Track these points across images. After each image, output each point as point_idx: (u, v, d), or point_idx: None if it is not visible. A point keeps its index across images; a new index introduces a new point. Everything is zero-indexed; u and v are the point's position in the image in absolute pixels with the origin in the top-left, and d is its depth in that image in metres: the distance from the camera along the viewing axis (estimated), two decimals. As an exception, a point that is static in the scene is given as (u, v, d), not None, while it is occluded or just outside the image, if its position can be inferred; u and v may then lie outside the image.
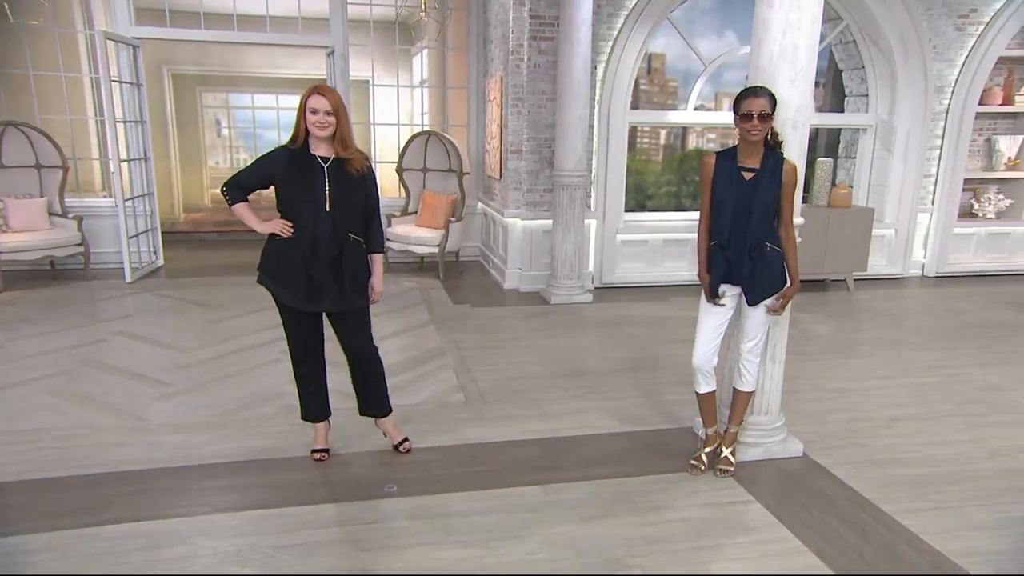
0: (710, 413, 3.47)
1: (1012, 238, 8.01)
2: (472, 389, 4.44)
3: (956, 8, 7.33)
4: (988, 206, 8.04)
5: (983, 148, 8.02)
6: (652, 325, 5.88)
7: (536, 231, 6.91)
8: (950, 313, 6.39)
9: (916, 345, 5.43)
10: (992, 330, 5.85)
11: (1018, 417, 4.12)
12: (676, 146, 8.57)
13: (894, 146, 7.58)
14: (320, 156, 3.14)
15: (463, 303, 6.49)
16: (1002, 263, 8.02)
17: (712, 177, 3.25)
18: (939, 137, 7.62)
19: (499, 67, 7.18)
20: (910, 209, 7.63)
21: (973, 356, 5.18)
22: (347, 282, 3.21)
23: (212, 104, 13.53)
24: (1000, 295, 7.06)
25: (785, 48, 3.28)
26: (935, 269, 7.85)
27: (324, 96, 3.06)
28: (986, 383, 4.65)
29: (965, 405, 4.28)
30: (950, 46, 7.41)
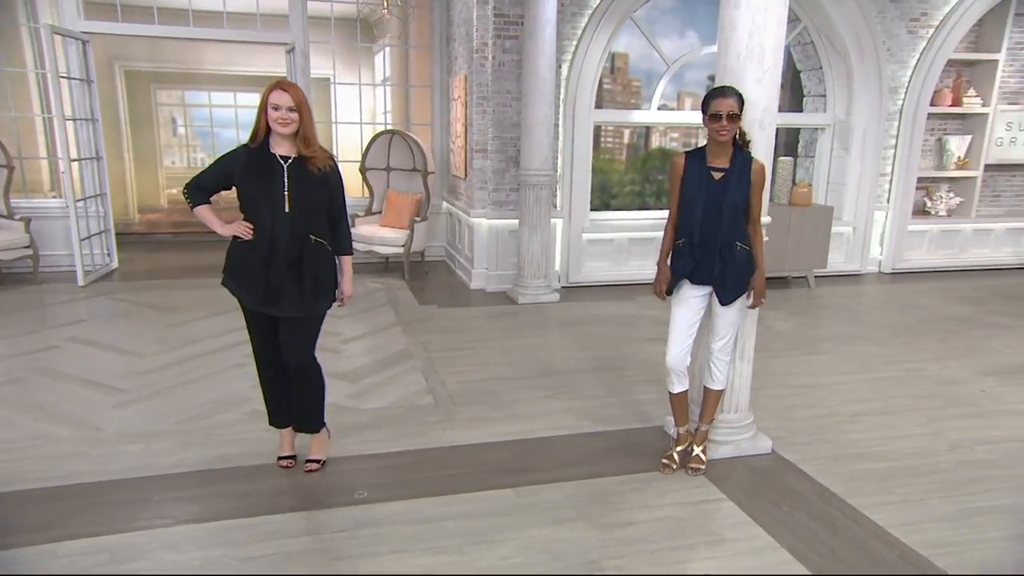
0: (682, 412, 3.48)
1: (962, 235, 8.25)
2: (441, 391, 4.39)
3: (908, 11, 7.52)
4: (940, 204, 8.27)
5: (935, 148, 8.24)
6: (619, 324, 5.90)
7: (502, 231, 6.88)
8: (907, 309, 6.55)
9: (876, 341, 5.55)
10: (947, 325, 6.01)
11: (974, 410, 4.23)
12: (640, 145, 8.63)
13: (851, 145, 7.75)
14: (280, 155, 3.04)
15: (429, 304, 6.42)
16: (953, 259, 8.26)
17: (681, 177, 3.26)
18: (894, 137, 7.81)
19: (463, 66, 7.13)
20: (867, 207, 7.81)
21: (930, 351, 5.31)
22: (308, 286, 3.10)
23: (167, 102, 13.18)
24: (953, 290, 7.27)
25: (752, 48, 3.30)
26: (891, 265, 8.04)
27: (287, 92, 2.97)
28: (943, 377, 4.77)
29: (924, 399, 4.38)
30: (903, 48, 7.59)
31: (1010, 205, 8.67)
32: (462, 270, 7.44)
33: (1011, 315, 6.33)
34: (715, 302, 3.33)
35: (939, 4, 7.56)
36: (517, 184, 6.71)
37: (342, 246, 3.25)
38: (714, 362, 3.41)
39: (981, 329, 5.89)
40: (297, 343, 3.21)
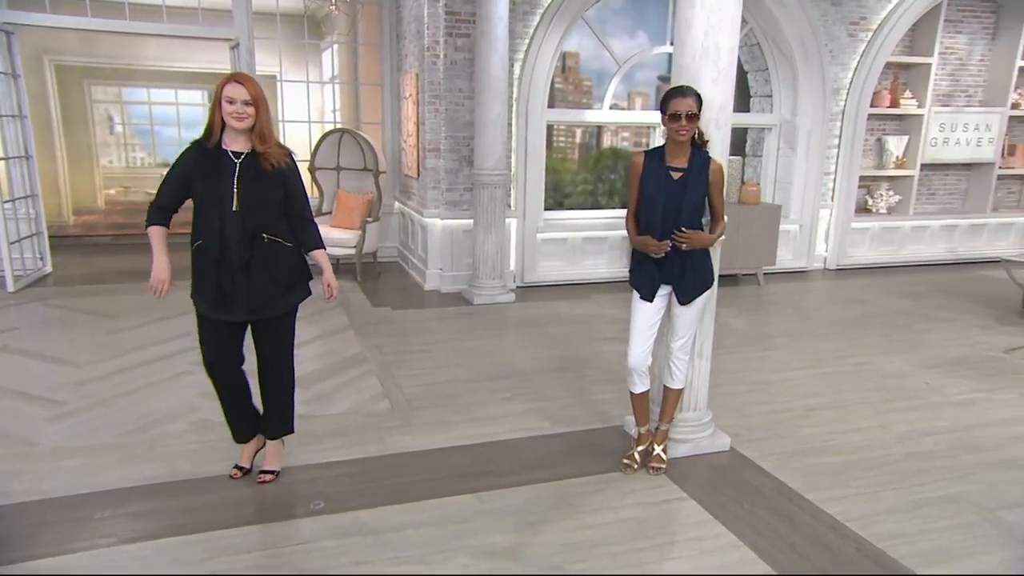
0: (643, 412, 3.48)
1: (901, 232, 8.53)
2: (398, 396, 4.30)
3: (848, 15, 7.73)
4: (880, 202, 8.54)
5: (875, 147, 8.51)
6: (576, 323, 5.89)
7: (456, 231, 6.81)
8: (852, 304, 6.73)
9: (824, 336, 5.68)
10: (890, 319, 6.20)
11: (919, 402, 4.36)
12: (592, 145, 8.65)
13: (797, 145, 7.93)
14: (234, 151, 2.91)
15: (383, 306, 6.31)
16: (893, 255, 8.53)
17: (640, 176, 3.25)
18: (837, 137, 8.02)
19: (414, 64, 7.03)
20: (813, 205, 8.00)
21: (875, 345, 5.46)
22: (261, 287, 2.97)
23: (103, 99, 12.63)
24: (894, 286, 7.50)
25: (707, 48, 3.32)
26: (836, 262, 8.27)
27: (242, 85, 2.84)
28: (889, 370, 4.91)
29: (872, 392, 4.50)
30: (844, 50, 7.80)
31: (944, 203, 9.01)
32: (416, 271, 7.34)
33: (948, 309, 6.56)
34: (674, 302, 3.33)
35: (876, 8, 7.79)
36: (471, 184, 6.64)
37: (311, 242, 3.13)
38: (673, 361, 3.42)
39: (922, 323, 6.09)
40: (276, 348, 3.13)
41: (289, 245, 3.05)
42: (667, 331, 3.43)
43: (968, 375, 4.82)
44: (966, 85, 8.66)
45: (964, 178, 8.98)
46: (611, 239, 7.35)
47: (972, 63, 8.61)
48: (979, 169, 8.83)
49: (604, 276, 7.35)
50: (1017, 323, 6.11)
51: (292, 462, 3.43)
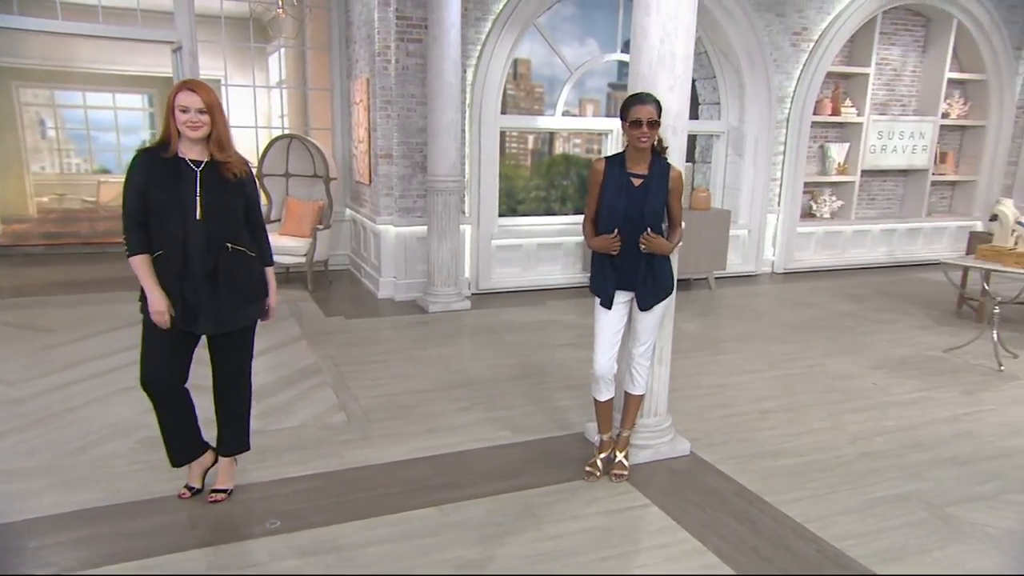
0: (607, 419, 3.47)
1: (844, 236, 8.80)
2: (354, 408, 4.20)
3: (791, 25, 7.95)
4: (824, 207, 8.79)
5: (818, 154, 8.76)
6: (532, 330, 5.88)
7: (410, 238, 6.73)
8: (800, 307, 6.90)
9: (775, 339, 5.79)
10: (836, 321, 6.37)
11: (868, 403, 4.47)
12: (544, 151, 8.68)
13: (744, 152, 8.10)
14: (191, 160, 2.81)
15: (336, 315, 6.18)
16: (837, 259, 8.79)
17: (601, 183, 3.25)
18: (782, 144, 8.22)
19: (365, 69, 6.93)
20: (760, 210, 8.18)
21: (824, 347, 5.60)
22: (227, 298, 2.87)
23: (33, 102, 12.09)
24: (839, 288, 7.73)
25: (663, 55, 3.34)
26: (783, 266, 8.47)
27: (195, 92, 2.73)
28: (838, 372, 5.03)
29: (824, 394, 4.60)
30: (788, 60, 8.02)
31: (883, 208, 9.34)
32: (368, 279, 7.22)
33: (889, 311, 6.78)
34: (636, 308, 3.34)
35: (817, 20, 8.04)
36: (424, 190, 6.57)
37: (266, 257, 3.05)
38: (635, 368, 3.42)
39: (866, 325, 6.27)
40: (236, 362, 3.03)
41: (253, 255, 2.97)
42: (628, 337, 3.43)
43: (912, 375, 4.97)
44: (901, 95, 9.01)
45: (901, 184, 9.32)
46: (566, 245, 7.37)
47: (906, 74, 8.96)
48: (914, 175, 9.19)
49: (559, 282, 7.36)
50: (954, 323, 6.35)
51: (245, 479, 3.30)
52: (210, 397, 3.14)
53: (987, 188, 9.35)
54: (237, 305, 2.92)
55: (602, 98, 8.31)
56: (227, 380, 3.09)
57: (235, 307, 2.91)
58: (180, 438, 3.08)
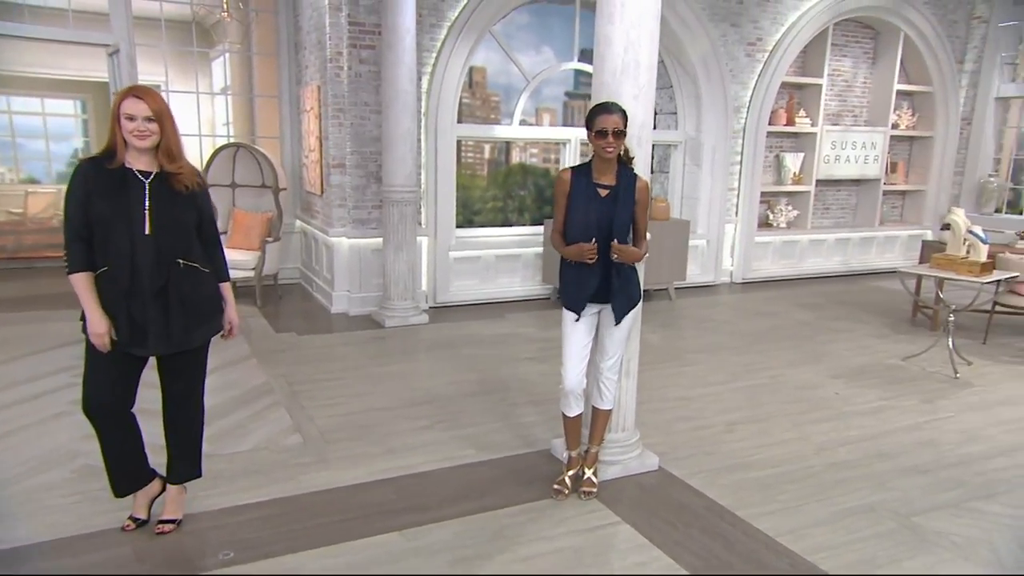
0: (575, 435, 3.45)
1: (800, 245, 9.03)
2: (310, 429, 4.09)
3: (746, 36, 8.16)
4: (780, 217, 9.01)
5: (774, 164, 8.99)
6: (493, 344, 5.84)
7: (364, 250, 6.64)
8: (760, 317, 7.03)
9: (738, 349, 5.88)
10: (796, 331, 6.51)
11: (832, 412, 4.57)
12: (500, 161, 8.67)
13: (702, 161, 8.25)
14: (139, 170, 2.70)
15: (287, 331, 6.05)
16: (794, 268, 9.01)
17: (568, 194, 3.24)
18: (739, 153, 8.41)
19: (315, 75, 6.83)
20: (718, 220, 8.33)
21: (785, 357, 5.71)
22: (178, 317, 2.76)
23: (-47, 107, 11.55)
24: (796, 297, 7.91)
25: (627, 64, 3.36)
26: (741, 276, 8.63)
27: (142, 100, 2.63)
28: (801, 382, 5.13)
29: (788, 405, 4.68)
30: (743, 70, 8.21)
31: (837, 217, 9.63)
32: (321, 293, 7.09)
33: (846, 319, 6.97)
34: (604, 321, 3.33)
35: (771, 30, 8.27)
36: (379, 201, 6.51)
37: (221, 272, 2.96)
38: (603, 382, 3.41)
39: (824, 334, 6.43)
40: (188, 384, 2.92)
41: (206, 271, 2.87)
42: (596, 351, 3.42)
43: (872, 384, 5.10)
44: (852, 105, 9.32)
45: (854, 193, 9.63)
46: (524, 256, 7.37)
47: (857, 85, 9.28)
48: (866, 185, 9.50)
49: (519, 294, 7.35)
50: (909, 331, 6.56)
51: (196, 508, 3.18)
52: (157, 420, 3.02)
53: (936, 197, 9.72)
54: (189, 324, 2.82)
55: (559, 107, 8.36)
56: (178, 402, 2.97)
57: (187, 326, 2.81)
58: (125, 466, 2.95)
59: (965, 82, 9.58)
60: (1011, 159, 9.82)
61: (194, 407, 3.02)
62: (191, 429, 3.05)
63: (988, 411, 4.62)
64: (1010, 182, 9.75)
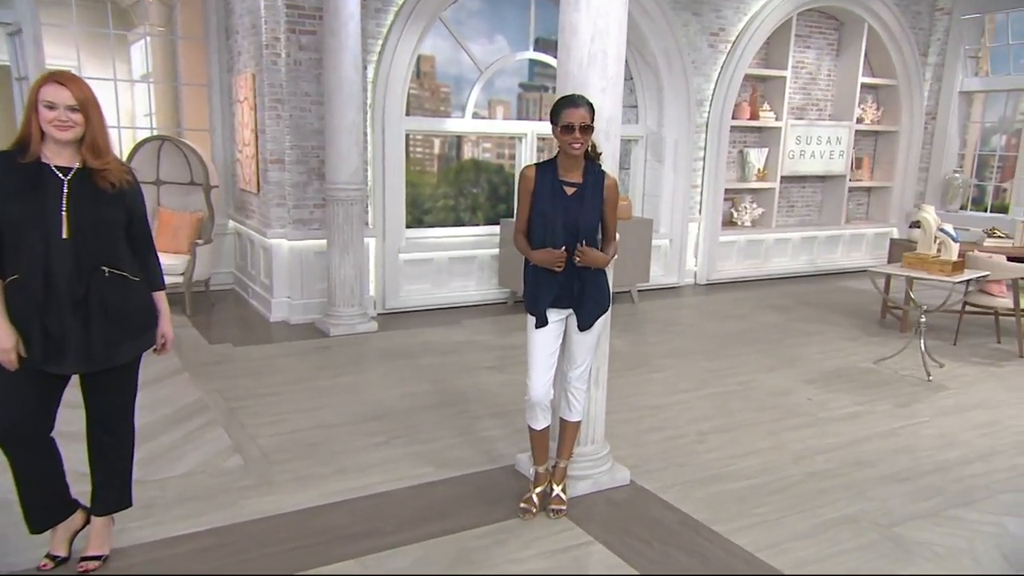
0: (543, 450, 3.44)
1: (765, 245, 9.23)
2: (251, 449, 3.99)
3: (708, 25, 8.31)
4: (745, 215, 9.20)
5: (737, 160, 9.17)
6: (449, 353, 5.81)
7: (306, 253, 6.55)
8: (727, 320, 7.16)
9: (707, 354, 5.97)
10: (765, 334, 6.64)
11: (807, 419, 4.67)
12: (451, 156, 8.63)
13: (664, 157, 8.36)
14: (57, 166, 2.57)
15: (222, 342, 5.91)
16: (759, 268, 9.20)
17: (532, 192, 3.24)
18: (702, 148, 8.55)
19: (249, 63, 6.69)
20: (682, 219, 8.45)
21: (756, 362, 5.82)
22: (102, 330, 2.64)
23: None
24: (763, 299, 8.08)
25: (595, 54, 3.37)
26: (705, 277, 8.78)
27: (65, 87, 2.51)
28: (773, 387, 5.23)
29: (761, 412, 4.77)
30: (706, 61, 8.36)
31: (802, 215, 9.89)
32: (258, 300, 6.95)
33: (815, 321, 7.15)
34: (572, 327, 3.34)
35: (734, 20, 8.44)
36: (322, 199, 6.41)
37: (155, 280, 2.83)
38: (572, 392, 3.41)
39: (794, 337, 6.58)
40: (115, 404, 2.80)
41: (136, 280, 2.74)
42: (563, 359, 3.42)
43: (846, 388, 5.24)
44: (817, 99, 9.59)
45: (819, 190, 9.90)
46: (480, 258, 7.35)
47: (821, 77, 9.55)
48: (832, 181, 9.78)
49: (474, 299, 7.33)
50: (880, 333, 6.76)
51: (125, 541, 3.06)
52: (80, 444, 2.89)
53: (901, 194, 10.07)
54: (115, 338, 2.69)
55: (513, 99, 8.37)
56: (105, 425, 2.85)
57: (112, 341, 2.68)
58: (42, 497, 2.81)
59: (929, 75, 9.95)
60: (975, 154, 10.24)
61: (123, 430, 2.90)
62: (119, 454, 2.93)
63: (963, 415, 4.79)
64: (974, 178, 10.16)
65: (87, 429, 2.85)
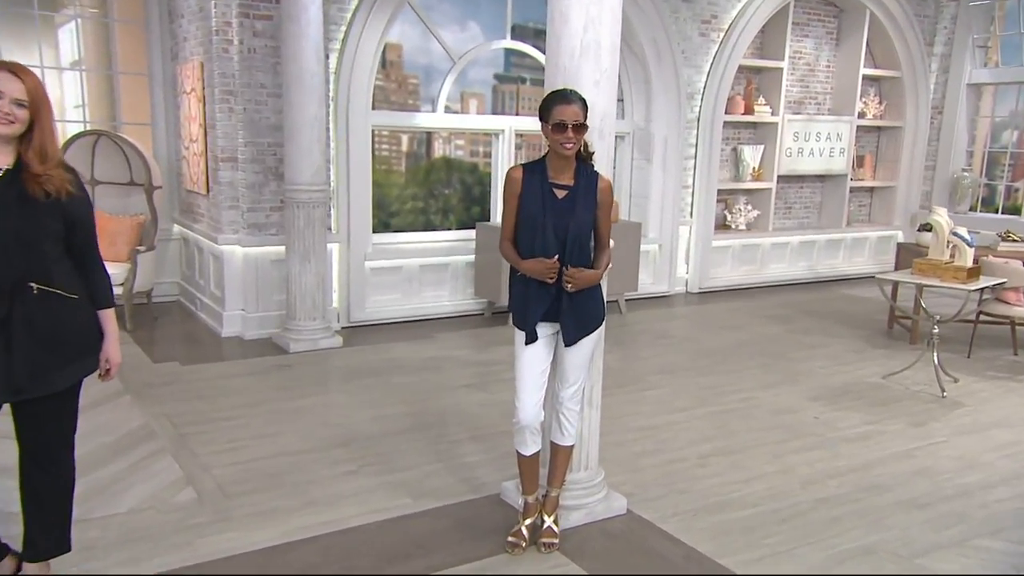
0: (532, 478, 3.43)
1: (761, 249, 9.34)
2: (205, 481, 3.93)
3: (699, 12, 8.41)
4: (739, 217, 9.30)
5: (731, 158, 9.28)
6: (424, 370, 5.80)
7: (262, 260, 6.52)
8: (723, 331, 7.22)
9: (703, 369, 6.02)
10: (765, 347, 6.71)
11: (814, 440, 4.72)
12: (420, 154, 8.61)
13: (653, 155, 8.42)
14: None
15: (168, 360, 5.86)
16: (755, 275, 9.31)
17: (519, 195, 3.23)
18: (693, 146, 8.63)
19: (197, 50, 6.63)
20: (672, 222, 8.52)
21: (756, 377, 5.87)
22: (28, 355, 2.54)
23: None
24: (761, 309, 8.17)
25: (588, 45, 3.38)
26: (698, 284, 8.86)
27: (19, 78, 2.45)
28: (776, 405, 5.28)
29: (765, 432, 4.80)
30: (697, 52, 8.46)
31: (801, 217, 10.03)
32: (208, 313, 6.88)
33: (818, 333, 7.24)
34: (562, 343, 3.33)
35: (727, 7, 8.55)
36: (280, 202, 6.40)
37: (99, 297, 2.75)
38: (564, 413, 3.40)
39: (797, 350, 6.65)
40: (50, 437, 2.72)
41: (73, 298, 2.64)
42: (554, 378, 3.41)
43: (855, 405, 5.31)
44: (816, 92, 9.74)
45: (819, 190, 10.05)
46: (454, 266, 7.34)
47: (820, 69, 9.71)
48: (832, 181, 9.94)
49: (449, 310, 7.32)
50: (888, 345, 6.87)
51: (67, 587, 2.99)
52: (11, 481, 2.82)
53: (906, 195, 10.26)
54: (45, 363, 2.59)
55: (488, 92, 8.38)
56: (38, 460, 2.76)
57: (41, 366, 2.58)
58: None
59: (935, 67, 10.15)
60: (985, 152, 10.42)
61: (59, 465, 2.82)
62: (56, 492, 2.84)
63: (983, 434, 4.87)
64: (984, 177, 10.35)
65: (19, 464, 2.77)
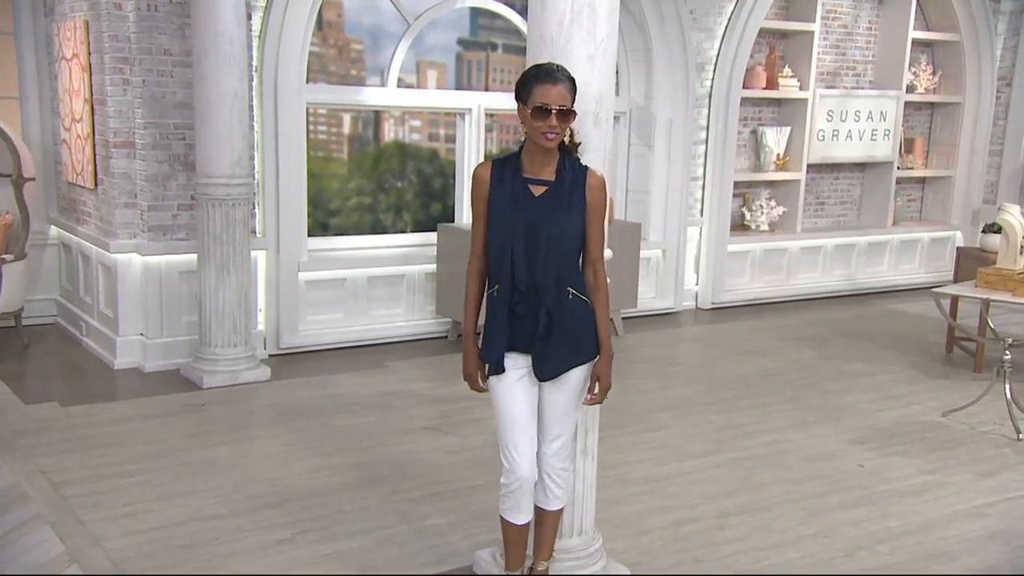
0: (519, 550, 3.44)
1: (788, 255, 9.45)
2: (96, 557, 3.89)
3: (710, -37, 8.51)
4: (760, 215, 9.39)
5: (750, 142, 9.38)
6: (373, 407, 5.84)
7: (168, 272, 6.53)
8: (744, 357, 7.30)
9: (721, 406, 6.08)
10: (795, 377, 6.80)
11: (859, 494, 4.78)
12: (366, 137, 8.63)
13: (654, 140, 8.50)
14: None
15: (44, 400, 5.83)
16: (780, 287, 9.42)
17: (487, 198, 3.23)
18: (703, 129, 8.73)
19: (81, 5, 6.66)
20: (678, 222, 8.60)
21: (786, 415, 5.94)
22: None
23: None
24: (789, 329, 8.27)
25: (580, 10, 3.38)
26: (711, 299, 8.95)
27: None
28: (812, 450, 5.34)
29: (799, 484, 4.86)
30: (708, 12, 8.57)
31: (836, 215, 10.17)
32: (96, 339, 6.88)
33: (860, 359, 7.34)
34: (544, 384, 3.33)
35: (745, -43, 8.66)
36: (191, 198, 6.39)
37: None
38: (549, 472, 3.39)
39: (834, 381, 6.74)
40: None
41: None
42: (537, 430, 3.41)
43: (908, 450, 5.39)
44: (854, 61, 9.89)
45: (858, 182, 10.21)
46: (410, 277, 7.40)
47: (860, 32, 9.86)
48: (875, 170, 10.09)
49: (404, 332, 7.36)
50: (947, 374, 6.99)
51: None
52: None
53: (967, 187, 10.45)
54: None
55: (451, 61, 8.42)
56: None
57: None
58: None
59: (1003, 28, 10.34)
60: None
61: None
62: None
63: (1068, 485, 4.97)
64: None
65: None
